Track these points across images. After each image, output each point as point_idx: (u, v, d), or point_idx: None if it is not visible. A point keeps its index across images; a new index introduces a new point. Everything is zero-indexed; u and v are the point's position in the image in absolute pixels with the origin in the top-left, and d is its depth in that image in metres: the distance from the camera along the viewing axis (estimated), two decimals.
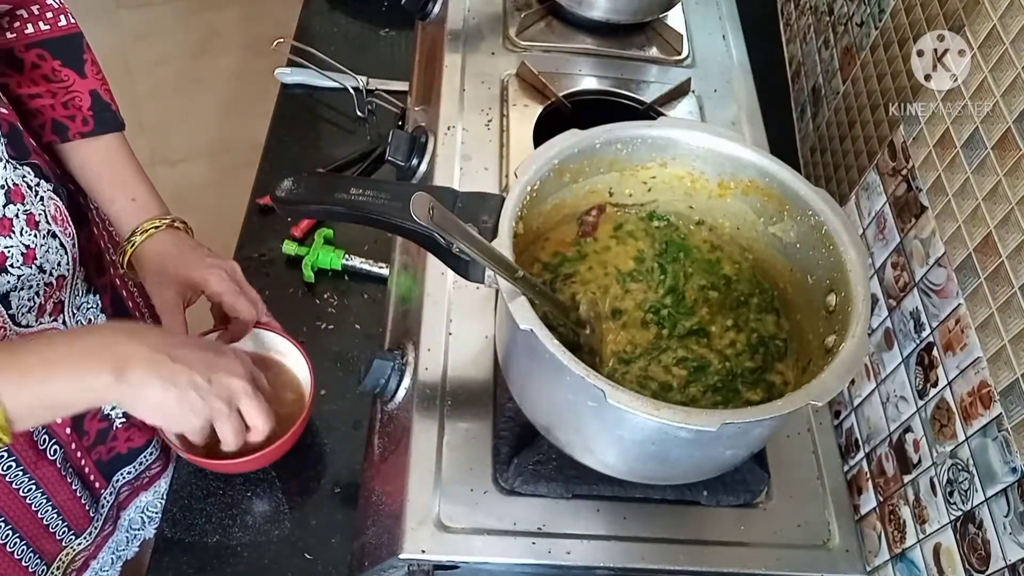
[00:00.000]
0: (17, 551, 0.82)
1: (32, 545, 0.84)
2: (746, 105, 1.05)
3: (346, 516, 0.88)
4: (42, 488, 0.83)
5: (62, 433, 0.84)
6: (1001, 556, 0.60)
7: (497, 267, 0.59)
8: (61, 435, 0.84)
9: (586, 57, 1.07)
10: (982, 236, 0.66)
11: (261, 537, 0.89)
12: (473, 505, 0.72)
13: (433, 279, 0.84)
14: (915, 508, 0.72)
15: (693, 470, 0.70)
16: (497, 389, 0.77)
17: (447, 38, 1.06)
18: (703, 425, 0.57)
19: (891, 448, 0.76)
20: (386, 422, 0.81)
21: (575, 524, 0.72)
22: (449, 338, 0.80)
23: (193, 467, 0.91)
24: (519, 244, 0.65)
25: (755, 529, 0.75)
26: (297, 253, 1.10)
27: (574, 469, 0.72)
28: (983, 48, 0.68)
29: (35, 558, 0.85)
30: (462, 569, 0.71)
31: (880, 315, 0.80)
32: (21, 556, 0.83)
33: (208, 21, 2.77)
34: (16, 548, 0.82)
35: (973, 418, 0.65)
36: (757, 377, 0.72)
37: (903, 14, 0.84)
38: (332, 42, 1.39)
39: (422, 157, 0.95)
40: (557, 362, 0.57)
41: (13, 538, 0.82)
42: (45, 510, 0.84)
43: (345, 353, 1.03)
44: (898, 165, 0.81)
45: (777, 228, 0.74)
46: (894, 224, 0.80)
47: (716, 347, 0.74)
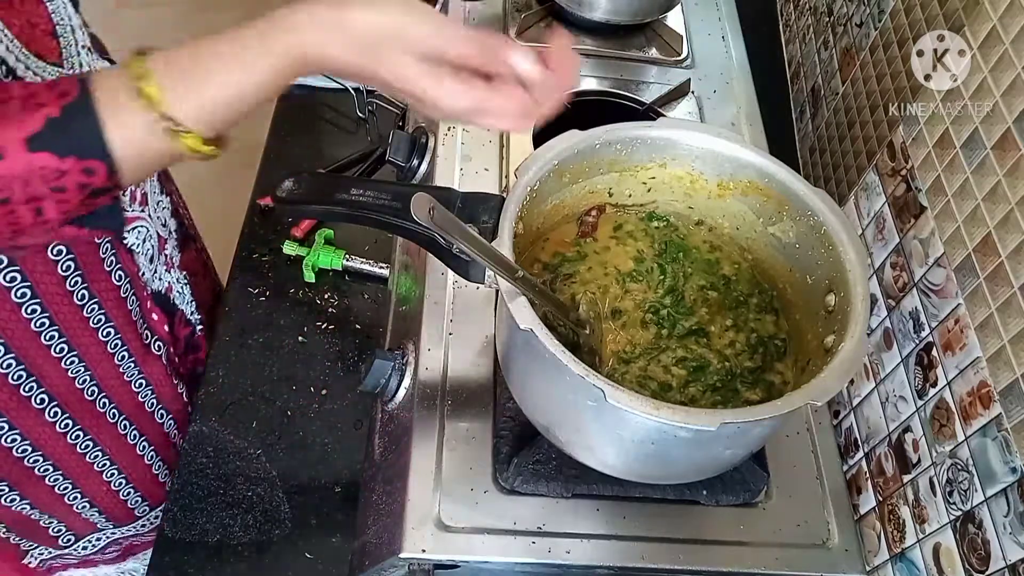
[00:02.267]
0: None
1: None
2: (745, 106, 1.05)
3: (346, 516, 0.88)
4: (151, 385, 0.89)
5: (163, 332, 0.89)
6: (1001, 556, 0.60)
7: (497, 267, 0.59)
8: (162, 334, 0.90)
9: (586, 58, 1.07)
10: (981, 236, 0.66)
11: (261, 537, 0.89)
12: (473, 504, 0.72)
13: (433, 279, 0.84)
14: (915, 508, 0.72)
15: (693, 470, 0.71)
16: (497, 389, 0.77)
17: None
18: (702, 425, 0.57)
19: (890, 448, 0.76)
20: (386, 422, 0.81)
21: (575, 523, 0.72)
22: (449, 338, 0.80)
23: (195, 467, 0.91)
24: (519, 244, 0.66)
25: (755, 528, 0.75)
26: (297, 253, 1.10)
27: (574, 469, 0.72)
28: (983, 48, 0.68)
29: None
30: (462, 568, 0.71)
31: (879, 315, 0.80)
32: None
33: (209, 21, 2.75)
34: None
35: (973, 418, 0.65)
36: (757, 377, 0.72)
37: (903, 14, 0.84)
38: None
39: (422, 158, 0.95)
40: (557, 362, 0.57)
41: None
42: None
43: (345, 353, 1.04)
44: (897, 165, 0.81)
45: (776, 228, 0.74)
46: (893, 224, 0.80)
47: (716, 347, 0.74)
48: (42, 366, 0.77)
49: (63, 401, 0.80)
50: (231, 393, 0.98)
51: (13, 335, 0.72)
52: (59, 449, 0.84)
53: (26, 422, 0.79)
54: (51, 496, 0.87)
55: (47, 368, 0.77)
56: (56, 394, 0.80)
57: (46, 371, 0.77)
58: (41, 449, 0.82)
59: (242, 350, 1.02)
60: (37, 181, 0.48)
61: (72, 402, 0.81)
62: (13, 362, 0.74)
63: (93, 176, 0.49)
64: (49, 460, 0.83)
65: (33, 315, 0.73)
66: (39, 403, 0.79)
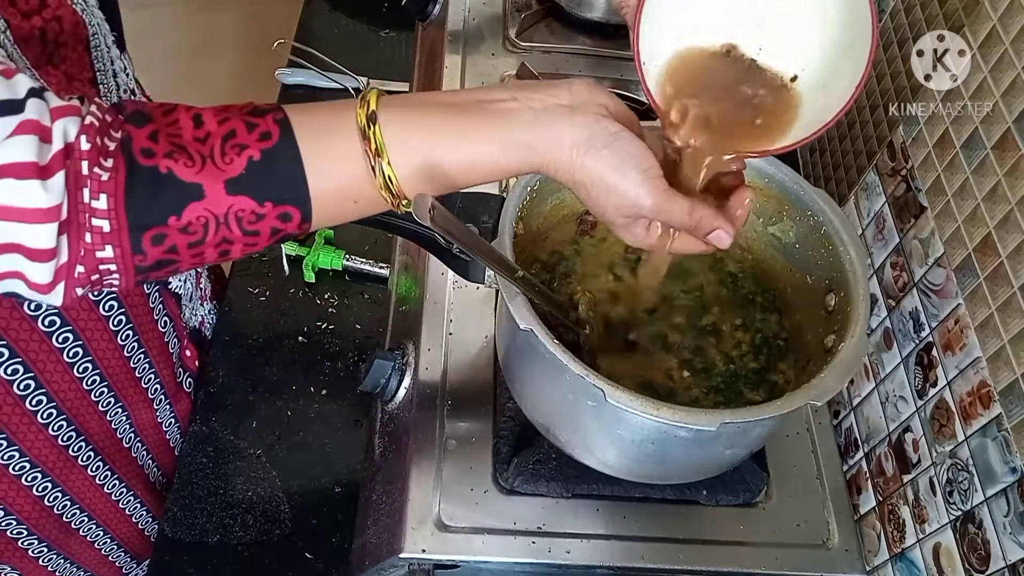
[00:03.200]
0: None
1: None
2: None
3: (346, 516, 0.88)
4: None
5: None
6: (1001, 556, 0.60)
7: (498, 268, 0.59)
8: (192, 369, 0.91)
9: (586, 58, 1.07)
10: (981, 236, 0.66)
11: (261, 537, 0.89)
12: (473, 504, 0.72)
13: (433, 279, 0.84)
14: (914, 508, 0.72)
15: (693, 469, 0.71)
16: (497, 389, 0.77)
17: (447, 39, 1.07)
18: (702, 424, 0.57)
19: (890, 448, 0.76)
20: (386, 422, 0.81)
21: (575, 523, 0.72)
22: (449, 338, 0.80)
23: (195, 467, 0.92)
24: (519, 244, 0.66)
25: (754, 528, 0.75)
26: (297, 253, 1.10)
27: (574, 469, 0.72)
28: (983, 48, 0.68)
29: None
30: (462, 568, 0.71)
31: (879, 315, 0.80)
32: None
33: (209, 22, 2.77)
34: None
35: (973, 418, 0.65)
36: (760, 378, 0.72)
37: (903, 14, 0.84)
38: (333, 43, 1.39)
39: None
40: (557, 362, 0.58)
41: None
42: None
43: (345, 353, 1.04)
44: (897, 165, 0.81)
45: (776, 228, 0.74)
46: (893, 224, 0.80)
47: (723, 348, 0.74)
48: (87, 420, 0.77)
49: (104, 452, 0.81)
50: (231, 393, 0.98)
51: (59, 388, 0.72)
52: (96, 500, 0.85)
53: (69, 477, 0.80)
54: (86, 548, 0.88)
55: (91, 422, 0.78)
56: (100, 448, 0.81)
57: (90, 424, 0.78)
58: (79, 502, 0.83)
59: (242, 350, 1.02)
60: (233, 224, 0.46)
61: (112, 451, 0.82)
62: (58, 415, 0.74)
63: (288, 222, 0.48)
64: (86, 512, 0.85)
65: (84, 374, 0.74)
66: (84, 460, 0.80)
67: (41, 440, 0.74)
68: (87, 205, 0.43)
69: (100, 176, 0.43)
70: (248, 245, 0.48)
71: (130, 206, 0.43)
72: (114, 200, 0.43)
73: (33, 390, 0.70)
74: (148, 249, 0.45)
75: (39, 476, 0.76)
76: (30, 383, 0.70)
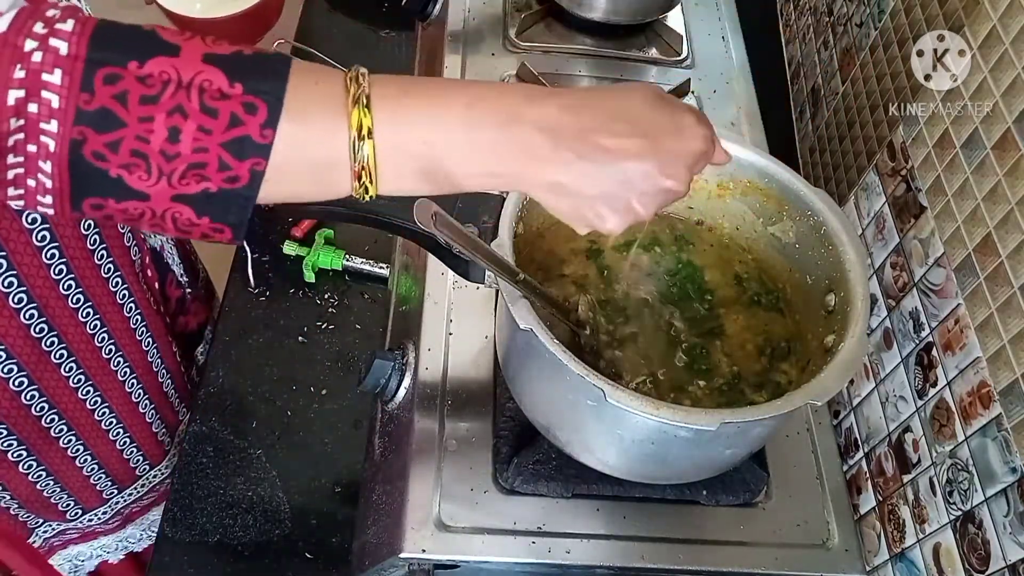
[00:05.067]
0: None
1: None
2: (745, 106, 1.05)
3: (346, 516, 0.88)
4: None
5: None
6: (1001, 556, 0.60)
7: (500, 271, 0.59)
8: (155, 292, 0.89)
9: (586, 58, 1.07)
10: (981, 236, 0.66)
11: (261, 537, 0.89)
12: (473, 504, 0.72)
13: (433, 279, 0.84)
14: (914, 508, 0.72)
15: (693, 470, 0.71)
16: (497, 389, 0.77)
17: (447, 39, 1.06)
18: (702, 424, 0.57)
19: (890, 448, 0.76)
20: (386, 422, 0.81)
21: (575, 523, 0.72)
22: (449, 338, 0.80)
23: (195, 467, 0.92)
24: (519, 244, 0.66)
25: (754, 528, 0.75)
26: (298, 253, 1.10)
27: (574, 469, 0.72)
28: (983, 48, 0.68)
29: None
30: (462, 568, 0.71)
31: (879, 315, 0.80)
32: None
33: None
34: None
35: (973, 418, 0.65)
36: (763, 379, 0.72)
37: (903, 14, 0.84)
38: (332, 43, 1.39)
39: None
40: (557, 362, 0.58)
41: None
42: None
43: (345, 353, 1.04)
44: (897, 165, 0.81)
45: (776, 228, 0.74)
46: (893, 224, 0.80)
47: (727, 350, 0.74)
48: (60, 317, 0.75)
49: (79, 355, 0.79)
50: (231, 393, 0.98)
51: (34, 284, 0.71)
52: (72, 406, 0.82)
53: (44, 377, 0.78)
54: (64, 461, 0.86)
55: (64, 319, 0.76)
56: (74, 349, 0.79)
57: (64, 323, 0.76)
58: (57, 406, 0.81)
59: (242, 350, 1.02)
60: (195, 90, 0.44)
61: (87, 356, 0.80)
62: (35, 313, 0.72)
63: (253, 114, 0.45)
64: (64, 419, 0.82)
65: (52, 260, 0.72)
66: (58, 358, 0.77)
67: (14, 327, 0.72)
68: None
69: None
70: (202, 130, 0.45)
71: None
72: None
73: (5, 270, 0.69)
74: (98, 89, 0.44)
75: (15, 368, 0.74)
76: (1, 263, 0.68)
